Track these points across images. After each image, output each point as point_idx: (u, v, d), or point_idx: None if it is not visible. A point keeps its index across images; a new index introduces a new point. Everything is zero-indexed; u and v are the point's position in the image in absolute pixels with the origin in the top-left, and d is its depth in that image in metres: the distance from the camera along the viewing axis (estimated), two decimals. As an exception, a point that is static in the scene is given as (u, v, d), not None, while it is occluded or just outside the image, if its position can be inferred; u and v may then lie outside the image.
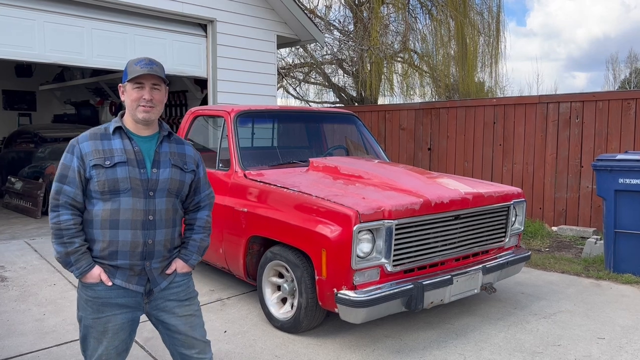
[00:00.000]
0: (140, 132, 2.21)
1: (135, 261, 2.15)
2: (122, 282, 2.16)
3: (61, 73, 12.51)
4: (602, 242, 5.78)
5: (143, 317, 2.33)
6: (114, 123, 2.20)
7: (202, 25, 8.20)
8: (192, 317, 2.33)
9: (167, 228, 2.21)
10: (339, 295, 3.31)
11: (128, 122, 2.22)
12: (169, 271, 2.25)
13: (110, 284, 2.13)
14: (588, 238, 6.41)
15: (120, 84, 2.25)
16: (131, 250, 2.13)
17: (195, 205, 2.38)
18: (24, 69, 13.06)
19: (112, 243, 2.12)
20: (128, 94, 2.17)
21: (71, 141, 2.17)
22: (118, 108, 12.79)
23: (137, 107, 2.15)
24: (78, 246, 2.09)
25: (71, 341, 3.60)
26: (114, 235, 2.11)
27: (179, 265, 2.29)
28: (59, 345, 3.54)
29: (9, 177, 9.37)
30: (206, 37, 8.23)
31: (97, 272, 2.12)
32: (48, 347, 3.50)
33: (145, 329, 3.56)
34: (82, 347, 2.25)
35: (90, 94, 13.49)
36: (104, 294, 2.15)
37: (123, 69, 2.26)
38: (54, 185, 2.13)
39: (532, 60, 56.00)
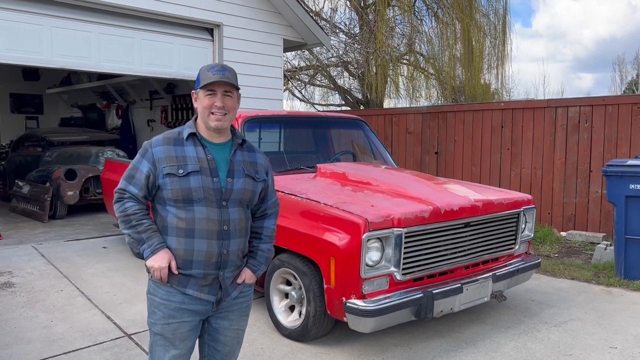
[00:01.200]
0: (213, 139, 2.17)
1: (210, 270, 2.12)
2: (195, 292, 2.13)
3: (68, 76, 12.56)
4: (612, 248, 5.72)
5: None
6: (188, 129, 2.17)
7: (209, 30, 8.20)
8: (242, 332, 2.34)
9: (240, 237, 2.18)
10: (347, 304, 3.28)
11: (201, 128, 2.18)
12: (239, 281, 2.22)
13: (176, 272, 2.08)
14: (598, 244, 6.35)
15: (193, 91, 2.22)
16: (206, 260, 2.10)
17: (262, 212, 2.34)
18: (31, 72, 13.13)
19: (187, 252, 2.09)
20: (200, 101, 2.14)
21: (144, 144, 2.17)
22: (124, 111, 12.82)
23: (209, 115, 2.11)
24: (148, 225, 2.09)
25: (79, 349, 3.58)
26: (190, 244, 2.08)
27: (247, 275, 2.25)
28: (67, 353, 3.53)
29: (16, 181, 9.39)
30: (213, 41, 8.22)
31: (167, 255, 2.08)
32: (55, 355, 3.49)
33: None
34: (150, 356, 2.23)
35: (97, 98, 13.54)
36: (178, 297, 2.12)
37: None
38: (121, 182, 2.14)
39: (538, 61, 55.74)
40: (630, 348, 3.69)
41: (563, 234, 7.23)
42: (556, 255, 6.42)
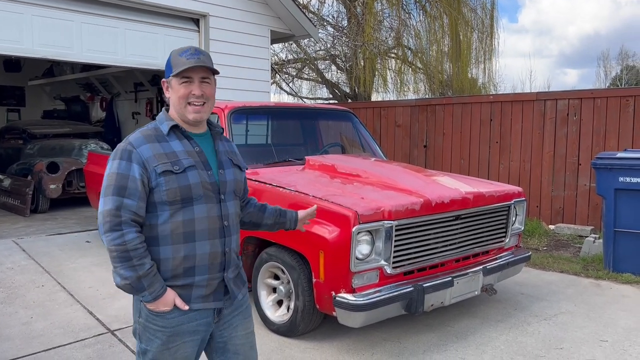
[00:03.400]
0: (192, 130, 1.96)
1: (214, 274, 1.91)
2: (200, 304, 1.90)
3: (51, 68, 12.29)
4: (600, 240, 5.72)
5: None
6: (165, 122, 1.92)
7: (195, 20, 8.06)
8: (252, 334, 2.11)
9: (236, 233, 2.01)
10: (337, 298, 3.20)
11: (177, 120, 1.95)
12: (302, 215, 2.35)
13: (186, 307, 1.86)
14: (586, 237, 6.36)
15: (163, 79, 1.96)
16: (210, 263, 1.89)
17: (246, 201, 2.25)
18: (12, 63, 12.81)
19: (187, 258, 1.86)
20: (174, 91, 1.90)
21: (122, 147, 1.85)
22: (109, 104, 12.59)
23: (186, 106, 1.89)
24: (149, 267, 1.80)
25: (59, 346, 3.47)
26: (190, 249, 1.86)
27: (302, 213, 2.33)
28: (47, 350, 3.42)
29: (-4, 174, 9.18)
30: (199, 31, 8.08)
31: (171, 296, 1.85)
32: (35, 353, 3.37)
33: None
34: None
35: (80, 90, 13.29)
36: (176, 320, 1.88)
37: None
38: (111, 199, 1.77)
39: (524, 56, 56.11)
40: (620, 341, 3.67)
41: (551, 227, 7.23)
42: (545, 248, 6.41)
